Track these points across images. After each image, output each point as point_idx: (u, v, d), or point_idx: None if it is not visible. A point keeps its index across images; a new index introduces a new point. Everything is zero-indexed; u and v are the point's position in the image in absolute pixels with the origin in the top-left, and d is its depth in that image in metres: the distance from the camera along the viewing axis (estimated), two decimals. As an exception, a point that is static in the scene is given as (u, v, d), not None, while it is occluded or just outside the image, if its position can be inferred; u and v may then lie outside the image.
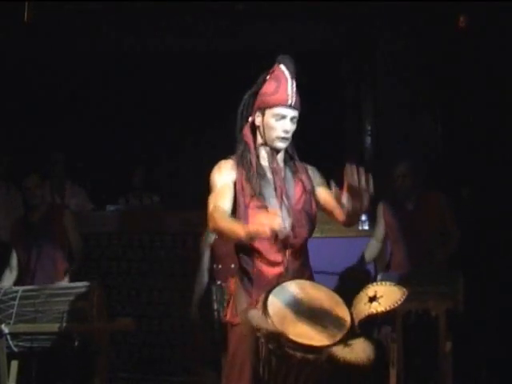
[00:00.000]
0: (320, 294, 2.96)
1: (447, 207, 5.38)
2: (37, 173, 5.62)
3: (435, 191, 5.54)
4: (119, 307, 6.11)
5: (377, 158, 7.13)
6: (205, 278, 5.37)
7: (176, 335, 6.22)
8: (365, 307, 2.88)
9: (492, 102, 6.15)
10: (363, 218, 6.43)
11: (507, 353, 5.38)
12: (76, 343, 4.74)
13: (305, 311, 2.87)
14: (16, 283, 5.39)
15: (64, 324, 4.70)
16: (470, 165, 6.43)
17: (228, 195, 3.12)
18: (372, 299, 2.89)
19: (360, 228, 6.24)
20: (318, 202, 3.24)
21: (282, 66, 3.16)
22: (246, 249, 3.16)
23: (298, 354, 2.74)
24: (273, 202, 3.14)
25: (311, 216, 3.20)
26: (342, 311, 2.89)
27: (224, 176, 3.16)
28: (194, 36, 7.27)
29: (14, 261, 5.49)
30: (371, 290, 2.94)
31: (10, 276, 5.47)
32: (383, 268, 5.55)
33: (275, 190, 3.16)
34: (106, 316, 4.98)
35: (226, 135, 3.36)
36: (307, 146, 3.36)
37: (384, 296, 2.89)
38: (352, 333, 2.82)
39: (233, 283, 3.28)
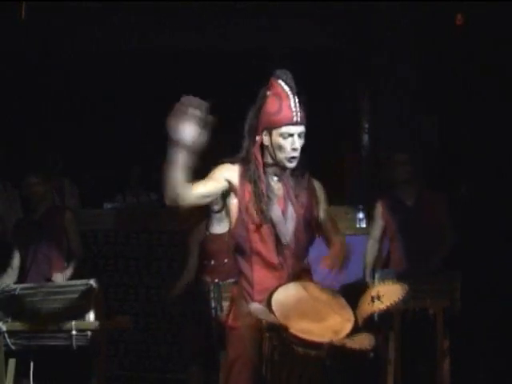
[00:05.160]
0: (324, 295, 2.97)
1: (445, 210, 5.35)
2: (37, 171, 5.60)
3: (436, 191, 5.51)
4: (116, 305, 6.11)
5: (374, 156, 7.13)
6: (191, 275, 5.39)
7: (173, 333, 6.22)
8: (368, 307, 2.90)
9: (490, 101, 6.16)
10: (360, 216, 6.44)
11: (505, 351, 5.40)
12: (74, 341, 4.74)
13: (308, 310, 2.88)
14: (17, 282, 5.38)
15: (62, 322, 4.70)
16: (469, 163, 6.44)
17: (211, 186, 3.14)
18: (374, 298, 2.91)
19: (357, 226, 6.24)
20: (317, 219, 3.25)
21: (281, 82, 3.11)
22: (244, 252, 3.16)
23: (300, 350, 2.75)
24: (275, 209, 3.13)
25: (312, 225, 3.21)
26: (346, 312, 2.89)
27: (223, 175, 3.17)
28: (193, 35, 7.26)
29: (16, 260, 5.47)
30: (374, 290, 2.97)
31: (12, 275, 5.45)
32: (380, 266, 5.54)
33: (278, 196, 3.15)
34: (103, 314, 4.98)
35: (224, 134, 3.35)
36: (305, 145, 3.35)
37: (386, 294, 2.91)
38: (355, 331, 2.82)
39: (234, 289, 3.28)
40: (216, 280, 5.16)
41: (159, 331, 6.30)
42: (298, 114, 3.07)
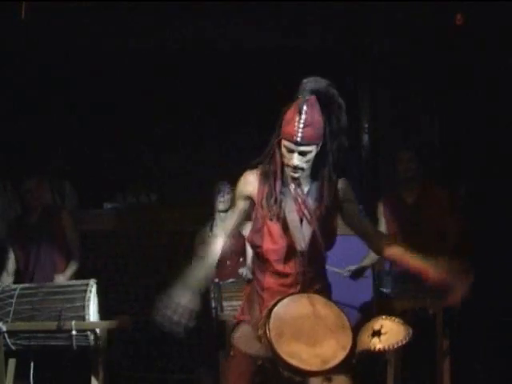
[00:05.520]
0: (328, 314, 2.92)
1: (448, 204, 5.32)
2: (35, 175, 5.59)
3: (438, 186, 5.48)
4: (116, 305, 6.10)
5: (374, 156, 7.14)
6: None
7: (173, 333, 6.22)
8: (366, 340, 2.84)
9: (490, 101, 6.16)
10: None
11: (505, 351, 5.39)
12: (74, 341, 4.74)
13: (305, 330, 2.84)
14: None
15: (61, 322, 4.70)
16: (469, 162, 6.44)
17: (236, 215, 3.26)
18: (375, 333, 2.85)
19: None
20: (344, 219, 3.26)
21: (301, 94, 3.05)
22: (258, 257, 3.21)
23: (285, 373, 2.74)
24: (292, 215, 3.14)
25: (329, 231, 3.19)
26: (345, 337, 2.83)
27: (244, 190, 3.22)
28: (193, 35, 7.26)
29: (12, 263, 5.46)
30: (378, 323, 2.88)
31: (7, 278, 5.44)
32: (380, 266, 5.54)
33: (295, 202, 3.14)
34: (103, 314, 4.99)
35: (224, 134, 3.36)
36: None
37: (388, 333, 2.84)
38: (346, 363, 2.76)
39: (248, 287, 3.31)
40: (216, 280, 5.18)
41: (159, 331, 6.29)
42: (300, 134, 3.01)
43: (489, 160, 6.18)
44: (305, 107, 3.00)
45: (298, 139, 3.01)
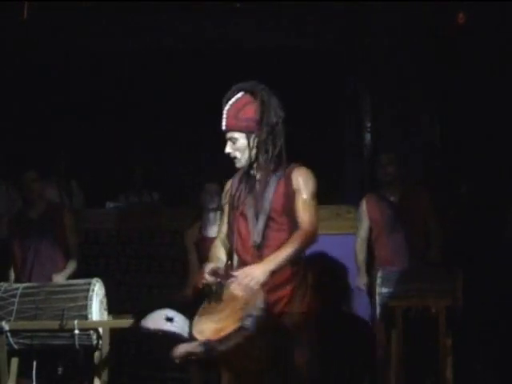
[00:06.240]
0: (237, 296, 3.09)
1: (430, 204, 5.38)
2: (35, 169, 5.57)
3: (419, 186, 5.55)
4: (118, 304, 6.10)
5: (376, 154, 7.13)
6: (196, 272, 5.41)
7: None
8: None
9: (490, 100, 6.17)
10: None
11: (506, 349, 5.40)
12: (76, 340, 4.75)
13: (219, 310, 3.10)
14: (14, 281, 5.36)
15: (64, 321, 4.70)
16: (469, 161, 6.46)
17: (225, 220, 3.40)
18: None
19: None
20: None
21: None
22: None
23: None
24: (250, 211, 3.24)
25: (294, 219, 3.21)
26: (239, 314, 3.03)
27: (225, 195, 3.39)
28: (193, 35, 7.27)
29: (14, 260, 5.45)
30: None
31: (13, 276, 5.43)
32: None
33: (253, 197, 3.25)
34: (105, 313, 4.99)
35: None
36: (306, 143, 3.37)
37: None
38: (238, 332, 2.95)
39: None
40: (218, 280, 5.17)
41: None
42: (224, 121, 3.25)
43: (489, 160, 6.19)
44: (230, 101, 3.25)
45: (223, 127, 3.25)
